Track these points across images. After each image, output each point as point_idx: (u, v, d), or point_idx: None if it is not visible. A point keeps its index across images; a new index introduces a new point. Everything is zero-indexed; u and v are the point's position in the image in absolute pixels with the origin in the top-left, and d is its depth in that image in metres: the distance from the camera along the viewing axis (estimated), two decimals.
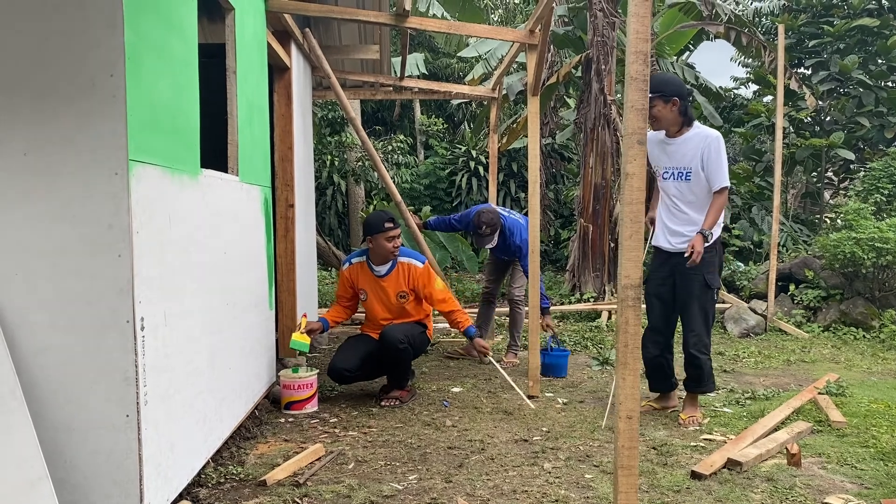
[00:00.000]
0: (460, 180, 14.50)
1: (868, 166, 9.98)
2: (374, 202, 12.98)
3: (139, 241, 2.55)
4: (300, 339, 4.64)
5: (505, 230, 5.84)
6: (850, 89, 11.71)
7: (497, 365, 5.07)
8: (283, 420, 4.38)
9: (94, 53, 2.45)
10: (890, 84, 12.23)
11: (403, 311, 4.90)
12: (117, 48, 2.44)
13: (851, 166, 12.18)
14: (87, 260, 2.50)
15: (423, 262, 4.92)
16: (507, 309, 6.31)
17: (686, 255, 4.09)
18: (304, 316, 4.88)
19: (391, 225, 4.77)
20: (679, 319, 4.49)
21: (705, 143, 4.20)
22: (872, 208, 8.42)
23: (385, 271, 4.86)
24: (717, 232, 4.24)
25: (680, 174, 4.30)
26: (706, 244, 4.11)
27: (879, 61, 12.03)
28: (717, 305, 8.13)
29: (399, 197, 5.88)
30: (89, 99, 2.45)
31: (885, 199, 8.90)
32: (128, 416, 2.52)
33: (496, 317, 7.00)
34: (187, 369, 3.06)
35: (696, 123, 4.34)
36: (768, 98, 12.78)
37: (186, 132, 3.09)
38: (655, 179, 4.56)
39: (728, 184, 4.19)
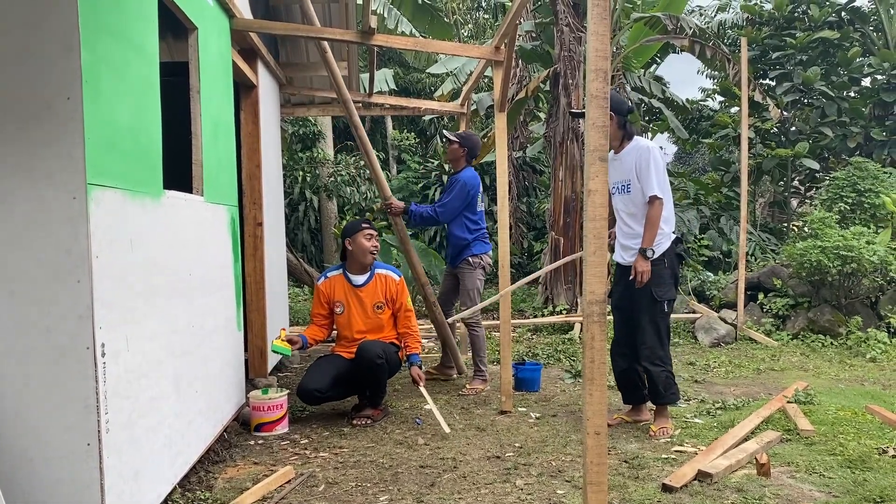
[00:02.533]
0: (433, 194, 14.51)
1: (832, 175, 10.17)
2: (347, 217, 12.94)
3: (99, 265, 2.51)
4: (281, 343, 4.63)
5: (468, 168, 5.67)
6: (814, 100, 11.94)
7: (425, 393, 4.72)
8: (252, 442, 4.32)
9: (50, 76, 2.41)
10: (851, 94, 12.49)
11: (380, 324, 4.88)
12: (74, 70, 2.41)
13: (816, 175, 12.40)
14: (46, 286, 2.46)
15: (400, 276, 5.00)
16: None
17: (631, 277, 4.25)
18: (283, 330, 4.87)
19: (367, 225, 4.89)
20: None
21: (638, 153, 4.30)
22: (837, 217, 8.56)
23: (363, 281, 4.86)
24: (664, 244, 4.29)
25: (623, 187, 4.40)
26: (650, 259, 4.21)
27: (841, 72, 12.29)
28: (688, 315, 8.26)
29: (388, 191, 5.50)
30: (46, 123, 2.42)
31: (848, 207, 9.05)
32: (89, 444, 2.47)
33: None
34: (151, 394, 3.00)
35: (637, 138, 4.44)
36: (735, 109, 12.98)
37: (148, 154, 3.05)
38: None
39: (657, 193, 4.22)
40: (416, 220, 5.66)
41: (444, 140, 5.99)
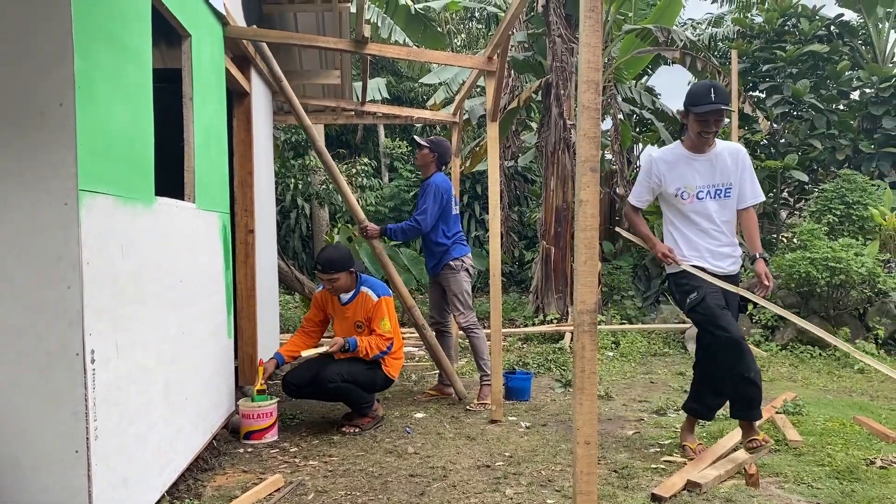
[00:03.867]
0: None
1: (821, 187, 10.24)
2: (339, 225, 12.93)
3: (90, 271, 2.50)
4: (260, 387, 4.56)
5: (438, 173, 5.54)
6: (803, 112, 12.03)
7: (312, 352, 4.72)
8: (242, 450, 4.30)
9: (44, 82, 2.41)
10: (840, 107, 12.59)
11: None
12: (67, 77, 2.41)
13: (806, 187, 12.47)
14: (36, 291, 2.45)
15: (380, 296, 4.77)
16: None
17: (765, 289, 3.84)
18: (261, 363, 4.68)
19: (319, 269, 4.72)
20: None
21: (740, 156, 4.01)
22: (825, 229, 8.62)
23: (347, 299, 4.83)
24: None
25: (718, 191, 3.99)
26: (731, 264, 3.98)
27: (830, 85, 12.38)
28: (678, 325, 8.29)
29: (362, 215, 5.50)
30: (38, 128, 2.42)
31: (837, 219, 9.11)
32: (77, 451, 2.46)
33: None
34: (141, 401, 2.99)
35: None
36: (725, 121, 13.06)
37: (140, 160, 3.05)
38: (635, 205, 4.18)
39: (763, 198, 4.09)
40: (399, 237, 5.52)
41: (415, 145, 5.75)
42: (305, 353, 4.78)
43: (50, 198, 2.43)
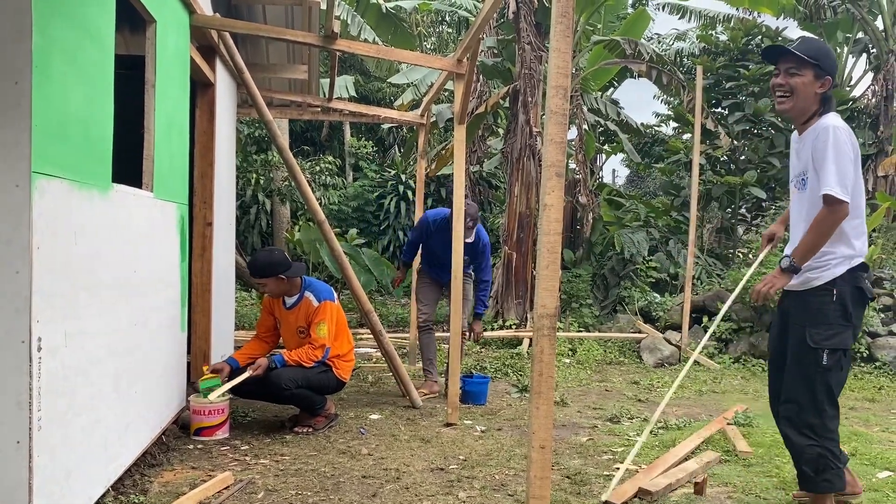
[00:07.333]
0: (389, 203, 14.49)
1: (777, 204, 10.46)
2: (300, 222, 12.81)
3: (40, 257, 2.43)
4: (209, 377, 4.42)
5: (478, 227, 5.86)
6: (763, 131, 12.29)
7: (239, 378, 4.43)
8: (191, 447, 4.21)
9: None
10: None
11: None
12: (24, 55, 2.34)
13: (763, 204, 12.74)
14: None
15: (321, 301, 4.67)
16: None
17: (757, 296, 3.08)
18: (206, 366, 4.59)
19: (255, 277, 4.76)
20: None
21: (816, 134, 3.02)
22: (781, 246, 8.79)
23: (291, 304, 4.75)
24: (835, 268, 3.04)
25: (800, 181, 3.20)
26: (791, 273, 3.05)
27: None
28: (634, 335, 8.37)
29: (322, 216, 5.37)
30: None
31: None
32: (18, 442, 2.37)
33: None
34: (89, 392, 2.91)
35: (829, 115, 3.10)
36: (687, 136, 13.28)
37: (98, 145, 2.97)
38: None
39: (832, 191, 2.89)
40: (487, 305, 6.13)
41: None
42: (227, 386, 4.43)
43: (1, 179, 2.34)
